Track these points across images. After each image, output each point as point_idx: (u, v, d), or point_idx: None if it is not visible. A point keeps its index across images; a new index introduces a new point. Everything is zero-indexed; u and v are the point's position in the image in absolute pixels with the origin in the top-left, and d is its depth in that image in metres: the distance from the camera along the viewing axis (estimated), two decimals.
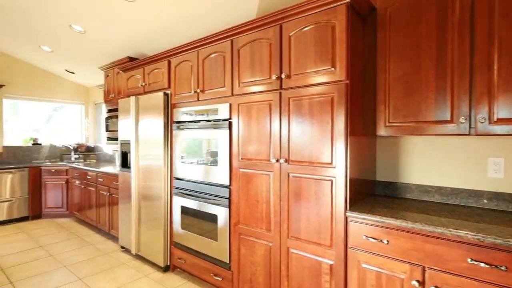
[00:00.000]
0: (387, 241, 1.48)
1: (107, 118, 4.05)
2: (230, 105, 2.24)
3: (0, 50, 4.54)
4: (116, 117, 3.84)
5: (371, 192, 2.05)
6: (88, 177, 4.01)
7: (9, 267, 2.86)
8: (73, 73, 4.97)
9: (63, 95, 5.36)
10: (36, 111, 5.19)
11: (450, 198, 1.80)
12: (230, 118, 2.24)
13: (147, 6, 2.62)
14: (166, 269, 2.77)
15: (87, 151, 5.39)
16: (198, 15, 2.66)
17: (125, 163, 3.25)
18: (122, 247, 3.33)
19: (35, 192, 4.43)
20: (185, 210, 2.60)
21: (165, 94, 2.75)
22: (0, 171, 4.13)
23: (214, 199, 2.35)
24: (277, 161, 1.93)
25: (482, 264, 1.23)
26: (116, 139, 3.87)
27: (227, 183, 2.25)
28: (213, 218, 2.36)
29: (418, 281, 1.38)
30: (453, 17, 1.55)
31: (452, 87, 1.55)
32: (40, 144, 5.04)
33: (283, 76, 1.89)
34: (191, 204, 2.54)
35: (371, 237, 1.53)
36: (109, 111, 4.02)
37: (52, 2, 2.80)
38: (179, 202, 2.65)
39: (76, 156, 5.12)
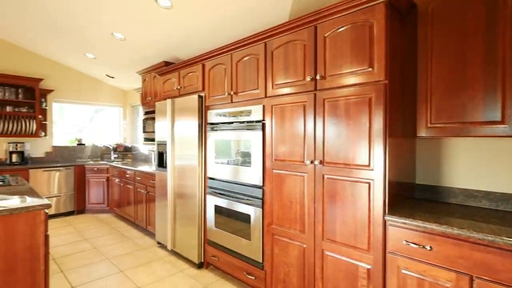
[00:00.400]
0: (430, 247, 1.42)
1: (144, 120, 4.27)
2: (264, 106, 2.27)
3: (50, 58, 4.96)
4: (152, 119, 4.03)
5: (410, 195, 1.97)
6: (127, 175, 4.25)
7: (59, 257, 3.12)
8: (112, 77, 5.30)
9: (104, 98, 5.73)
10: (79, 113, 5.59)
11: (500, 204, 1.68)
12: (263, 120, 2.27)
13: (183, 12, 2.73)
14: (200, 265, 2.87)
15: (124, 151, 5.71)
16: (232, 19, 2.72)
17: (161, 162, 3.40)
18: (159, 243, 3.49)
19: (79, 189, 4.79)
20: (218, 209, 2.67)
21: (200, 97, 2.85)
22: (49, 169, 4.51)
23: (247, 199, 2.39)
24: (312, 162, 1.92)
25: None
26: (152, 139, 4.07)
27: (260, 183, 2.28)
28: (246, 218, 2.40)
29: None
30: (504, 10, 1.45)
31: (503, 85, 1.45)
32: (84, 144, 5.43)
33: (318, 77, 1.88)
34: (224, 203, 2.60)
35: (412, 243, 1.48)
36: (146, 113, 4.23)
37: (96, 13, 3.01)
38: (212, 201, 2.73)
39: (115, 156, 5.44)
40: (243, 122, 2.45)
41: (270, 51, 2.21)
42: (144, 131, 4.27)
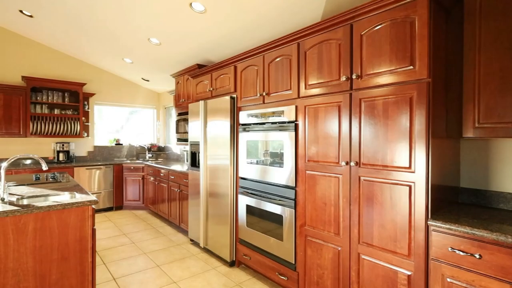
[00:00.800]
0: (480, 255, 1.33)
1: (177, 121, 4.43)
2: (296, 107, 2.26)
3: (92, 64, 5.31)
4: (185, 120, 4.17)
5: (454, 199, 1.86)
6: (161, 174, 4.44)
7: (101, 250, 3.33)
8: (147, 80, 5.56)
9: (139, 101, 6.03)
10: (116, 115, 5.93)
11: None
12: (296, 120, 2.27)
13: (216, 16, 2.80)
14: (232, 264, 2.92)
15: (158, 151, 5.96)
16: (263, 21, 2.74)
17: (194, 162, 3.51)
18: (191, 240, 3.61)
19: (118, 186, 5.08)
20: (250, 209, 2.71)
21: (232, 98, 2.90)
22: (91, 167, 4.84)
23: (279, 200, 2.40)
24: (347, 164, 1.88)
25: None
26: (184, 140, 4.22)
27: (293, 184, 2.28)
28: (278, 218, 2.41)
29: None
30: None
31: None
32: (121, 144, 5.75)
33: (353, 76, 1.84)
34: (256, 203, 2.63)
35: (458, 250, 1.40)
36: (179, 114, 4.39)
37: (135, 20, 3.18)
38: (244, 200, 2.77)
39: (150, 155, 5.70)
40: (275, 122, 2.46)
41: (303, 51, 2.20)
42: (177, 132, 4.43)
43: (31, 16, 3.77)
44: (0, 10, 3.84)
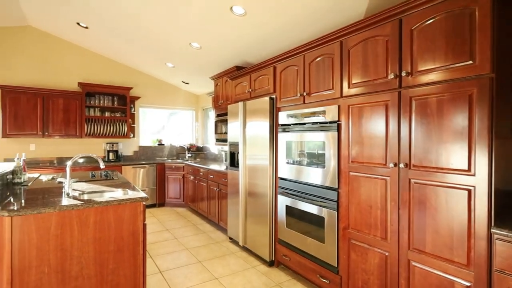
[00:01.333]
0: None
1: (216, 122, 4.56)
2: (339, 106, 2.21)
3: (137, 69, 5.67)
4: (224, 121, 4.28)
5: None
6: (201, 173, 4.60)
7: (147, 244, 3.54)
8: (187, 83, 5.79)
9: (179, 103, 6.31)
10: (157, 116, 6.26)
11: None
12: (338, 120, 2.21)
13: (255, 18, 2.84)
14: (271, 263, 2.94)
15: (197, 151, 6.19)
16: (303, 21, 2.72)
17: (233, 162, 3.59)
18: (230, 238, 3.69)
19: (160, 184, 5.36)
20: (289, 209, 2.70)
21: (271, 99, 2.92)
22: (137, 166, 5.16)
23: (321, 201, 2.36)
24: (395, 165, 1.80)
25: None
26: (223, 140, 4.32)
27: (335, 185, 2.23)
28: (319, 220, 2.37)
29: None
30: None
31: None
32: (163, 145, 6.06)
33: (403, 74, 1.75)
34: (296, 204, 2.61)
35: None
36: (218, 115, 4.52)
37: (177, 27, 3.33)
38: (283, 201, 2.77)
39: (189, 155, 5.94)
40: (316, 123, 2.43)
41: (347, 49, 2.14)
42: (216, 132, 4.56)
43: (86, 28, 4.13)
44: (61, 23, 4.26)
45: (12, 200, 1.93)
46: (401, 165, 1.76)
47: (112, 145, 5.26)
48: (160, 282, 2.61)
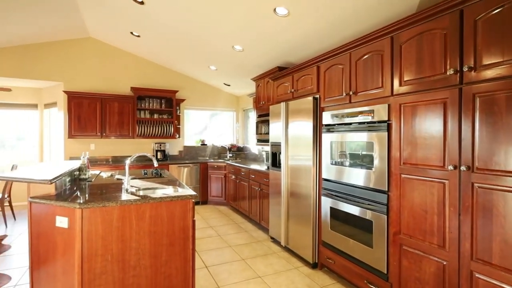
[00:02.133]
0: None
1: (257, 123, 4.62)
2: (389, 105, 2.11)
3: (182, 73, 5.98)
4: (265, 121, 4.32)
5: None
6: (242, 173, 4.70)
7: None
8: (229, 85, 5.95)
9: (221, 104, 6.51)
10: (200, 117, 6.51)
11: None
12: (388, 120, 2.11)
13: (298, 18, 2.82)
14: (314, 265, 2.90)
15: (237, 151, 6.33)
16: (348, 19, 2.64)
17: (274, 162, 3.61)
18: (272, 238, 3.72)
19: (203, 183, 5.58)
20: (334, 212, 2.64)
21: (314, 99, 2.88)
22: (181, 165, 5.44)
23: (368, 204, 2.27)
24: (456, 168, 1.66)
25: None
26: (264, 140, 4.37)
27: (385, 188, 2.13)
28: (366, 224, 2.28)
29: None
30: None
31: None
32: (206, 145, 6.30)
33: (464, 69, 1.61)
34: (341, 206, 2.54)
35: None
36: (259, 116, 4.57)
37: (220, 30, 3.45)
38: (327, 202, 2.72)
39: (230, 155, 6.09)
40: (363, 122, 2.34)
41: (398, 45, 2.03)
42: (257, 133, 4.62)
43: (138, 36, 4.46)
44: (117, 34, 4.65)
45: (79, 194, 2.17)
46: (463, 168, 1.62)
47: (160, 145, 5.60)
48: (206, 277, 2.72)
